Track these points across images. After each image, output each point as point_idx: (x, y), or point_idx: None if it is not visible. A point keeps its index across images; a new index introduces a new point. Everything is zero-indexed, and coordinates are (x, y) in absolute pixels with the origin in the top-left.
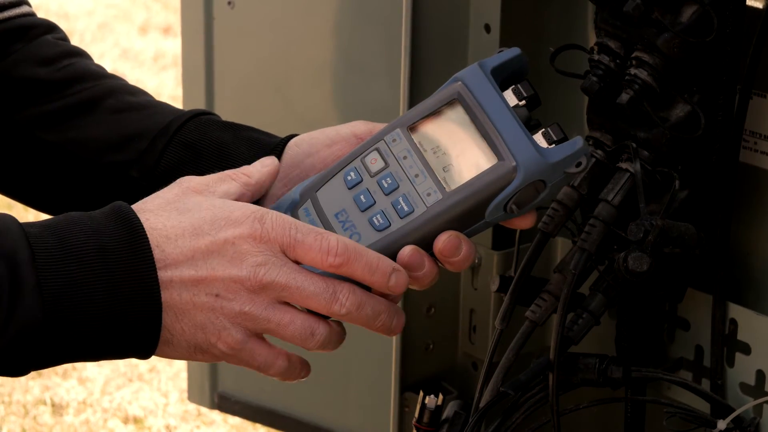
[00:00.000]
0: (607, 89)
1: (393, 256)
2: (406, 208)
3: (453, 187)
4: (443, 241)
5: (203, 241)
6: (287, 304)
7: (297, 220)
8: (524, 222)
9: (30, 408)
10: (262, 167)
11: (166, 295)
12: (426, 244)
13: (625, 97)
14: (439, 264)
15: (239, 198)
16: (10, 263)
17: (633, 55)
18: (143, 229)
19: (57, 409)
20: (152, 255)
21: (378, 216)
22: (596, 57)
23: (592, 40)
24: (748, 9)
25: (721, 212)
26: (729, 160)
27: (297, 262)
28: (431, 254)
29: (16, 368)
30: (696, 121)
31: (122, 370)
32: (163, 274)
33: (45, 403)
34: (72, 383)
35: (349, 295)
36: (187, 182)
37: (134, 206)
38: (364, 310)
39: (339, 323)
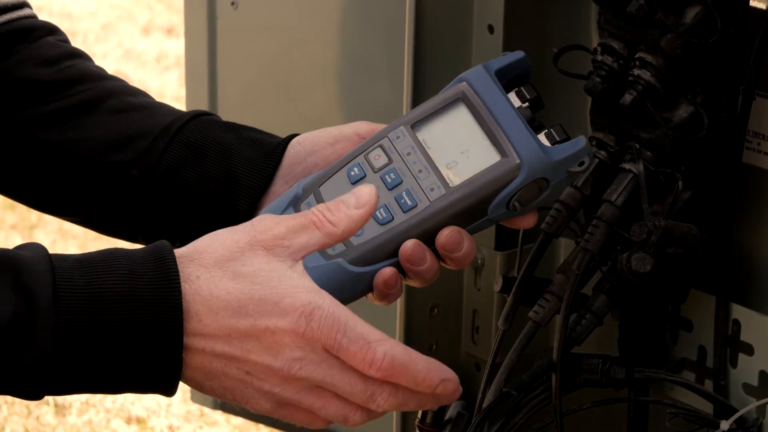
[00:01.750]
0: (611, 90)
1: (395, 250)
2: (409, 203)
3: (456, 183)
4: (445, 235)
5: (244, 323)
6: (322, 387)
7: (349, 320)
8: (526, 222)
9: (33, 408)
10: (357, 208)
11: (196, 359)
12: (428, 239)
13: (628, 97)
14: (441, 261)
15: (320, 249)
16: (29, 301)
17: (636, 56)
18: (179, 289)
19: (60, 409)
20: (182, 319)
21: (381, 210)
22: (599, 58)
23: (595, 40)
24: (751, 10)
25: (725, 213)
26: (732, 161)
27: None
28: (433, 249)
29: (31, 395)
30: (699, 122)
31: None
32: (197, 342)
33: (48, 404)
34: None
35: (388, 398)
36: (261, 232)
37: (191, 250)
38: (404, 407)
39: None
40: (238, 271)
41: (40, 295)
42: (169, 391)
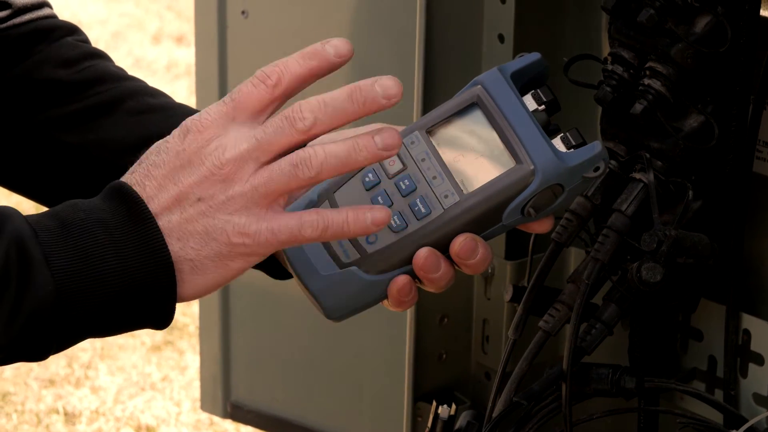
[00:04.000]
0: (621, 99)
1: (409, 258)
2: (423, 210)
3: (470, 190)
4: (460, 243)
5: (162, 168)
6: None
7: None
8: (541, 226)
9: (43, 417)
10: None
11: (160, 226)
12: (442, 246)
13: (638, 107)
14: (456, 267)
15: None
16: (17, 244)
17: (647, 66)
18: (133, 190)
19: (69, 418)
20: (148, 208)
21: (395, 217)
22: (610, 67)
23: (605, 50)
24: (761, 19)
25: (735, 223)
26: (742, 171)
27: (255, 119)
28: (447, 256)
29: (36, 350)
30: (709, 132)
31: (135, 379)
32: (151, 209)
33: (58, 412)
34: (85, 392)
35: (299, 105)
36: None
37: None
38: (328, 106)
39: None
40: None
41: (22, 237)
42: (168, 284)
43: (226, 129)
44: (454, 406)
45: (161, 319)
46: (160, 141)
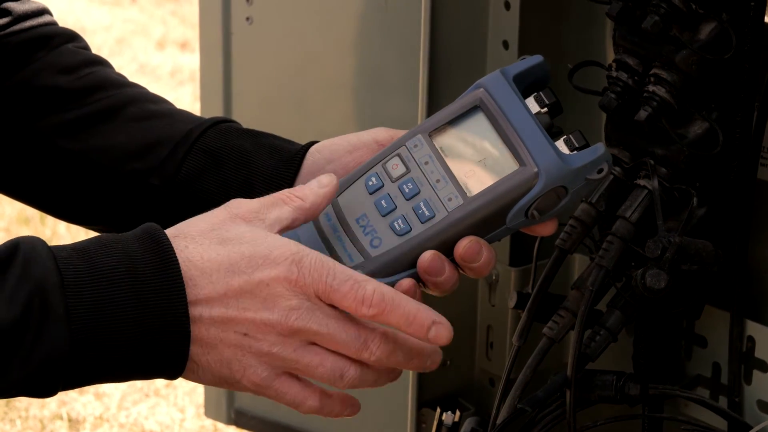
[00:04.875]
0: (625, 106)
1: (413, 261)
2: (427, 213)
3: (474, 193)
4: (464, 246)
5: (238, 280)
6: (317, 345)
7: (336, 264)
8: (545, 229)
9: (47, 423)
10: (319, 188)
11: (194, 329)
12: (447, 249)
13: (643, 113)
14: (460, 270)
15: (292, 223)
16: (41, 290)
17: (651, 72)
18: (176, 258)
19: (73, 424)
20: (183, 287)
21: (399, 221)
22: (614, 74)
23: (610, 56)
24: (766, 26)
25: (739, 229)
26: (747, 178)
27: (333, 306)
28: (452, 260)
29: (43, 392)
30: (714, 138)
31: (139, 385)
32: (193, 310)
33: (62, 418)
34: (89, 398)
35: (380, 344)
36: (237, 208)
37: (175, 229)
38: (395, 356)
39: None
40: (224, 237)
41: (47, 284)
42: (178, 364)
43: (309, 299)
44: (458, 413)
45: (167, 376)
46: (256, 239)
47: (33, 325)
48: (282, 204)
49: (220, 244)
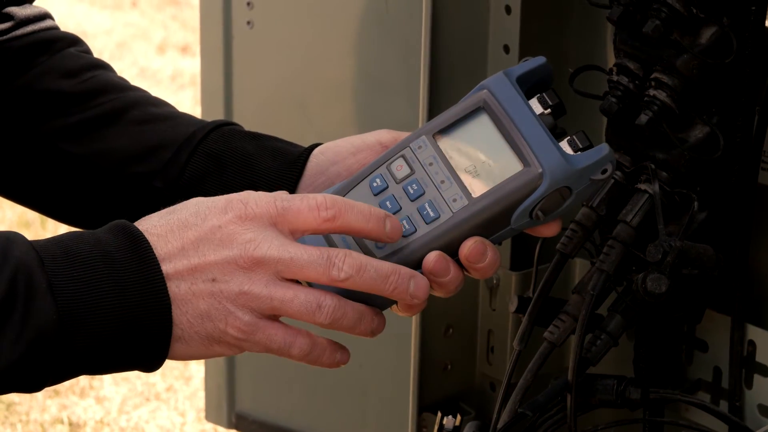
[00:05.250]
0: (626, 110)
1: (418, 262)
2: (431, 214)
3: (479, 193)
4: (469, 246)
5: (191, 232)
6: (289, 280)
7: (280, 191)
8: (549, 229)
9: (47, 427)
10: None
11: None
12: (451, 250)
13: (644, 118)
14: (465, 271)
15: None
16: (24, 269)
17: (652, 76)
18: (142, 233)
19: (74, 428)
20: (154, 254)
21: (404, 222)
22: (615, 78)
23: (611, 61)
24: (767, 30)
25: (740, 233)
26: (748, 182)
27: (292, 235)
28: (456, 260)
29: (33, 380)
30: (715, 143)
31: (139, 389)
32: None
33: (62, 422)
34: (89, 402)
35: (344, 258)
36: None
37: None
38: (367, 273)
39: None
40: (171, 209)
41: (28, 263)
42: (162, 337)
43: (265, 228)
44: (459, 417)
45: (153, 359)
46: (201, 200)
47: (20, 302)
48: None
49: (168, 214)
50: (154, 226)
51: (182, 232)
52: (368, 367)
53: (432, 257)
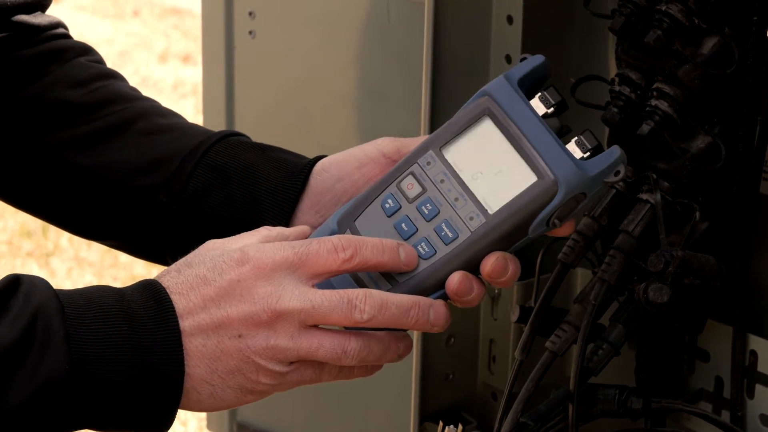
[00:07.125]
0: (628, 120)
1: (441, 283)
2: (450, 234)
3: (495, 209)
4: (491, 263)
5: (211, 288)
6: (314, 327)
7: (291, 241)
8: (563, 231)
9: None
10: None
11: (192, 346)
12: (472, 266)
13: (645, 128)
14: (486, 284)
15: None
16: (43, 315)
17: (654, 87)
18: (167, 293)
19: None
20: (177, 318)
21: (423, 244)
22: (617, 88)
23: (612, 71)
24: None
25: (742, 244)
26: (749, 192)
27: (313, 280)
28: (477, 275)
29: (38, 427)
30: (716, 153)
31: None
32: (182, 324)
33: None
34: None
35: (365, 299)
36: (208, 243)
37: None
38: (388, 310)
39: (378, 332)
40: (191, 262)
41: (48, 309)
42: (173, 398)
43: (284, 278)
44: (460, 427)
45: (159, 424)
46: (216, 252)
47: (35, 347)
48: (249, 235)
49: (188, 267)
50: (174, 283)
51: (202, 288)
52: (370, 376)
53: (455, 279)
